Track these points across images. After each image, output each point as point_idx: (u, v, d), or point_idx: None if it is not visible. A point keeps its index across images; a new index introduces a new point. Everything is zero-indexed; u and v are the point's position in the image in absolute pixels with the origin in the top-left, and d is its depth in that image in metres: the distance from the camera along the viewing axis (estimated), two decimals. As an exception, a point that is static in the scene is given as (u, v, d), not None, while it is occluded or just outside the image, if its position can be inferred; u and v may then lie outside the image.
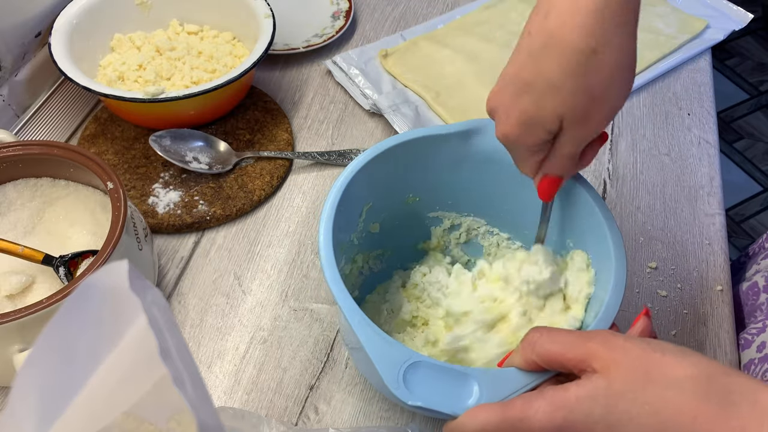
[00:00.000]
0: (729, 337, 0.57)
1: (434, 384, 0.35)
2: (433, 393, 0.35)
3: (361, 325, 0.38)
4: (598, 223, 0.44)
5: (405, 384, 0.35)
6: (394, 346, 0.37)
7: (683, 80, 0.79)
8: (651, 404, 0.30)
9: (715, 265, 0.62)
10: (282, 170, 0.65)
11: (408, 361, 0.36)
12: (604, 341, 0.32)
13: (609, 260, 0.42)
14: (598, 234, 0.44)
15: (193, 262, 0.59)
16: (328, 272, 0.40)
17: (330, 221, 0.42)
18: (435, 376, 0.36)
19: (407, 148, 0.47)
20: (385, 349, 0.36)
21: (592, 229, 0.45)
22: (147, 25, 0.71)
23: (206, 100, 0.62)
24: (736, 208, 1.74)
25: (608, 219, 0.44)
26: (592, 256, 0.46)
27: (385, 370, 0.36)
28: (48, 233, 0.54)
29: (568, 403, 0.31)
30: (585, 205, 0.45)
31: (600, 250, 0.44)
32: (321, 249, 0.41)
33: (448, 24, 0.82)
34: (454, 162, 0.49)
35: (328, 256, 0.40)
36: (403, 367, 0.36)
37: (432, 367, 0.36)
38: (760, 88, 2.03)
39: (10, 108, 0.63)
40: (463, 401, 0.35)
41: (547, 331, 0.35)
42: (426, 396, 0.35)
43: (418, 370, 0.36)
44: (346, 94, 0.74)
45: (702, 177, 0.69)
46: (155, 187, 0.62)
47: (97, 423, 0.27)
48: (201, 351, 0.53)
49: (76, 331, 0.27)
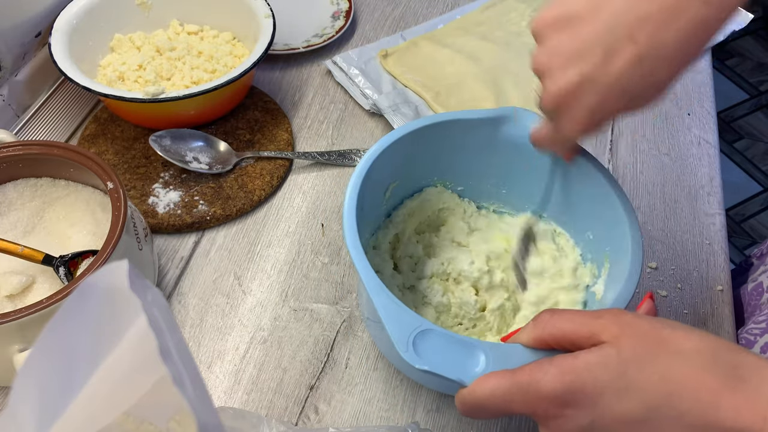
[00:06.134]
0: (729, 337, 0.57)
1: (443, 351, 0.36)
2: (441, 359, 0.36)
3: (376, 291, 0.39)
4: (620, 220, 0.45)
5: (414, 349, 0.36)
6: (406, 312, 0.38)
7: (683, 80, 0.79)
8: (658, 373, 0.30)
9: (715, 265, 0.62)
10: (282, 170, 0.65)
11: (419, 327, 0.37)
12: (614, 317, 0.33)
13: (625, 256, 0.43)
14: (619, 231, 0.45)
15: (193, 262, 0.59)
16: (350, 239, 0.41)
17: (357, 187, 0.44)
18: (444, 345, 0.36)
19: (436, 130, 0.48)
20: (398, 314, 0.37)
21: (613, 225, 0.46)
22: (147, 25, 0.71)
23: (206, 100, 0.62)
24: (736, 208, 1.74)
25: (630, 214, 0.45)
26: (609, 249, 0.47)
27: (396, 334, 0.37)
28: (48, 233, 0.53)
29: (578, 368, 0.32)
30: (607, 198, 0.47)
31: (619, 247, 0.45)
32: (345, 215, 0.42)
33: (448, 24, 0.81)
34: (481, 147, 0.50)
35: (351, 224, 0.42)
36: (414, 333, 0.37)
37: (442, 335, 0.37)
38: (760, 88, 2.03)
39: (10, 108, 0.63)
40: (469, 369, 0.36)
41: (558, 311, 0.36)
42: (434, 361, 0.36)
43: (427, 336, 0.37)
44: (346, 94, 0.74)
45: (702, 177, 0.69)
46: (155, 187, 0.62)
47: (97, 423, 0.27)
48: (201, 351, 0.53)
49: (76, 331, 0.27)
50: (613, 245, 0.46)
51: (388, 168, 0.48)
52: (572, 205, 0.51)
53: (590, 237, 0.50)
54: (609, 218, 0.46)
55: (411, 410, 0.51)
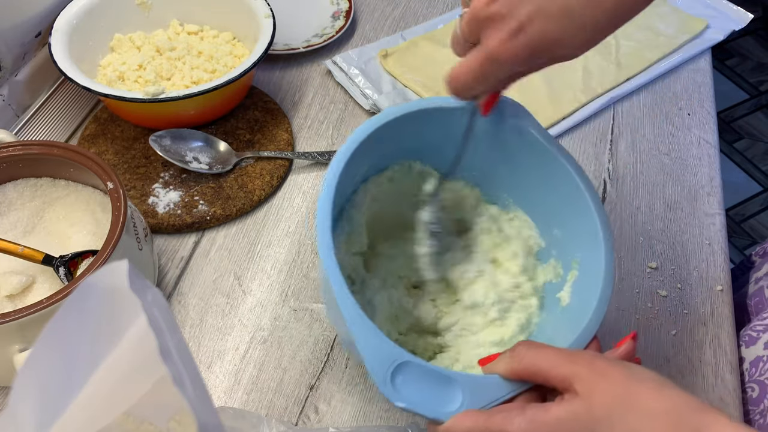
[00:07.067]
0: (729, 337, 0.57)
1: (420, 386, 0.37)
2: (419, 396, 0.36)
3: (354, 321, 0.38)
4: (594, 231, 0.44)
5: (392, 384, 0.36)
6: (385, 344, 0.37)
7: (683, 80, 0.79)
8: None
9: (715, 265, 0.62)
10: (282, 170, 0.65)
11: (397, 360, 0.37)
12: (588, 363, 0.34)
13: (597, 274, 0.43)
14: (593, 244, 0.44)
15: (193, 262, 0.59)
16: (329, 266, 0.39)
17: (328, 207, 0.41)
18: (421, 379, 0.37)
19: (415, 118, 0.47)
20: (376, 346, 0.37)
21: (588, 236, 0.45)
22: (147, 25, 0.71)
23: (206, 100, 0.62)
24: (736, 208, 1.74)
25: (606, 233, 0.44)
26: (581, 257, 0.46)
27: (375, 368, 0.37)
28: (48, 233, 0.54)
29: (548, 423, 0.33)
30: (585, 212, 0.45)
31: (591, 258, 0.44)
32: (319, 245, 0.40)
33: (448, 24, 0.82)
34: (460, 135, 0.49)
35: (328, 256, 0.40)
36: (392, 367, 0.37)
37: (419, 368, 0.37)
38: (760, 88, 2.03)
39: (10, 108, 0.63)
40: (446, 406, 0.36)
41: (535, 346, 0.37)
42: (411, 398, 0.36)
43: (406, 370, 0.37)
44: (346, 94, 0.74)
45: (702, 177, 0.69)
46: (155, 187, 0.62)
47: (97, 423, 0.27)
48: (201, 351, 0.53)
49: (76, 331, 0.27)
50: (584, 255, 0.46)
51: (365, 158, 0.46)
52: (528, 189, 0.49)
53: (557, 234, 0.49)
54: (580, 222, 0.46)
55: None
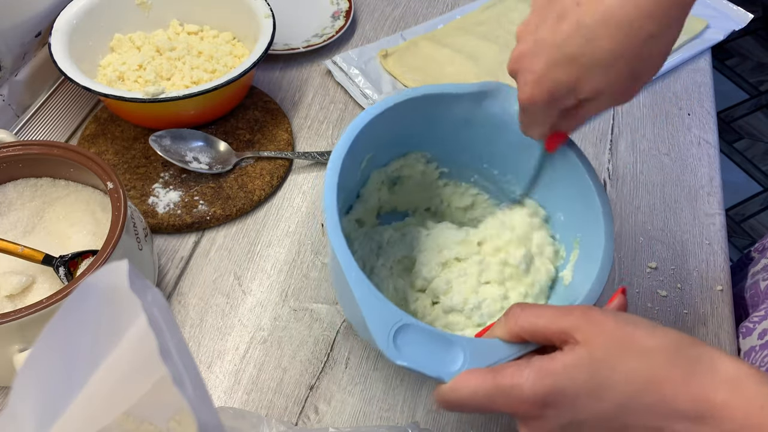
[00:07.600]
0: (729, 337, 0.57)
1: (422, 347, 0.37)
2: (421, 356, 0.37)
3: (357, 283, 0.38)
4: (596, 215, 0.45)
5: (394, 344, 0.37)
6: (386, 306, 0.38)
7: (683, 80, 0.79)
8: (626, 372, 0.32)
9: (715, 265, 0.62)
10: (282, 170, 0.65)
11: (399, 322, 0.37)
12: (583, 314, 0.34)
13: (597, 248, 0.43)
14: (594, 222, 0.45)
15: (193, 262, 0.59)
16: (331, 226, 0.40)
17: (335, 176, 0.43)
18: (423, 340, 0.37)
19: (417, 103, 0.47)
20: (378, 308, 0.38)
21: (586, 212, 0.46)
22: (147, 25, 0.71)
23: (206, 100, 0.62)
24: (736, 208, 1.74)
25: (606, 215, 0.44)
26: (581, 236, 0.47)
27: (377, 329, 0.37)
28: (48, 233, 0.53)
29: (556, 370, 0.33)
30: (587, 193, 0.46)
31: (592, 234, 0.45)
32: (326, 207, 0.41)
33: (448, 24, 0.82)
34: (462, 122, 0.50)
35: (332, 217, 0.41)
36: (394, 328, 0.37)
37: (421, 330, 0.37)
38: (760, 88, 2.03)
39: (10, 108, 0.63)
40: (448, 366, 0.36)
41: (529, 306, 0.37)
42: (413, 358, 0.36)
43: (407, 331, 0.37)
44: (346, 94, 0.74)
45: (702, 177, 0.69)
46: (155, 187, 0.62)
47: (97, 423, 0.27)
48: (201, 351, 0.53)
49: (76, 331, 0.27)
50: (585, 233, 0.46)
51: (368, 142, 0.47)
52: (545, 183, 0.50)
53: (561, 219, 0.50)
54: (582, 204, 0.46)
55: (411, 410, 0.51)
